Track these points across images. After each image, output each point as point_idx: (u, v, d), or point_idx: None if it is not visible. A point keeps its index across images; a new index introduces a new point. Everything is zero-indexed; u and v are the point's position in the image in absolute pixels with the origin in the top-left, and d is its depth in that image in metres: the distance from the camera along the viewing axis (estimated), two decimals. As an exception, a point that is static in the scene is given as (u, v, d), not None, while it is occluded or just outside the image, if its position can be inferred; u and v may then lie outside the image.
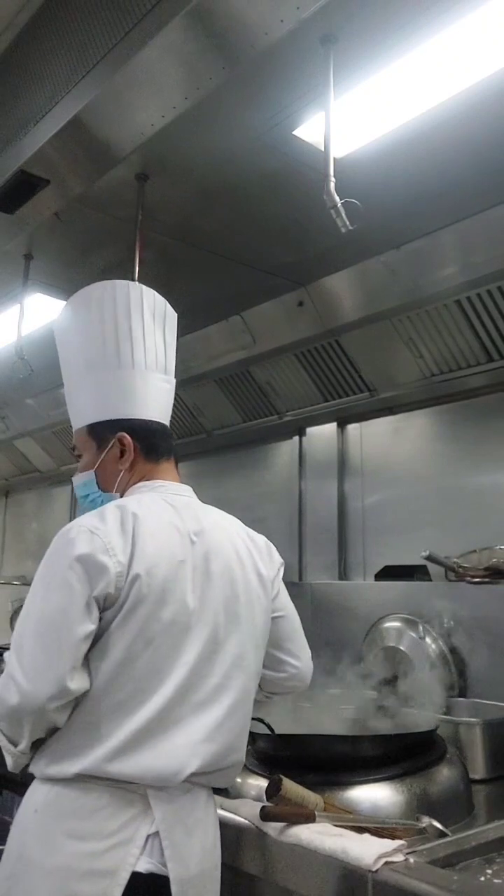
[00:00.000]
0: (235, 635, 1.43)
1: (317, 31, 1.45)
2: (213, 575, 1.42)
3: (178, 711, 1.32)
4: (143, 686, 1.29)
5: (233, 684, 1.40)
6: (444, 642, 2.46)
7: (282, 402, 3.13)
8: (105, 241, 2.35)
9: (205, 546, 1.44)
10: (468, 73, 1.56)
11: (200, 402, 3.43)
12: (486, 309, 2.32)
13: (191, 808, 1.33)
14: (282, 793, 1.44)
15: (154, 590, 1.32)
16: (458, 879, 1.23)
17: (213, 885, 1.36)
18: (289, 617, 1.63)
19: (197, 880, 1.30)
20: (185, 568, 1.38)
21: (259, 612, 1.50)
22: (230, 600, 1.44)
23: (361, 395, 2.86)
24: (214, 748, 1.35)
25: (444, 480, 2.75)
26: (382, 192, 1.98)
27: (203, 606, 1.39)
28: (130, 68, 1.59)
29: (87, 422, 1.59)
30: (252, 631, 1.48)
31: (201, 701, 1.35)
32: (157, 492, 1.50)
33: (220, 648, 1.40)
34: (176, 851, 1.27)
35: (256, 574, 1.52)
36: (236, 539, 1.53)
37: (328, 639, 2.79)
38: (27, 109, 1.94)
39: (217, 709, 1.37)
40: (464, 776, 1.73)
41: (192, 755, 1.31)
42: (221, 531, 1.50)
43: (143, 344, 1.60)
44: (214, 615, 1.40)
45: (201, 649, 1.37)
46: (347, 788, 1.57)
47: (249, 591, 1.48)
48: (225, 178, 1.99)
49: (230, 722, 1.39)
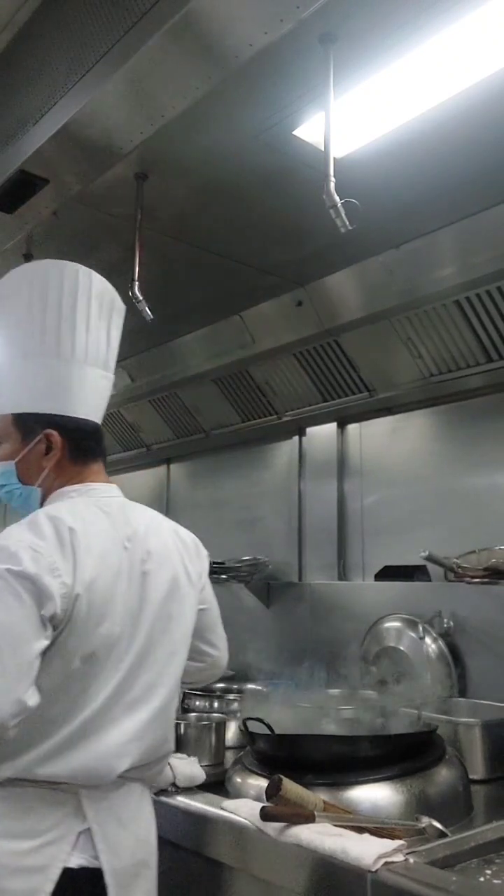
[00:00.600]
0: (168, 634, 1.44)
1: (316, 29, 1.44)
2: (148, 578, 1.42)
3: (112, 713, 1.33)
4: (80, 697, 1.30)
5: (165, 681, 1.43)
6: (443, 642, 2.46)
7: (281, 402, 3.13)
8: (104, 241, 2.35)
9: (138, 550, 1.43)
10: (468, 73, 1.56)
11: (199, 402, 3.42)
12: (486, 309, 2.32)
13: (124, 802, 1.35)
14: (281, 793, 1.44)
15: (94, 607, 1.31)
16: (458, 880, 1.23)
17: (149, 873, 1.39)
18: (211, 608, 1.65)
19: (131, 870, 1.32)
20: (121, 578, 1.38)
21: (188, 608, 1.52)
22: (164, 601, 1.44)
23: (360, 396, 2.85)
24: (146, 744, 1.37)
25: (444, 481, 2.75)
26: (382, 192, 1.98)
27: (139, 613, 1.39)
28: (130, 68, 1.59)
29: (14, 410, 1.49)
30: (183, 628, 1.49)
31: (134, 700, 1.36)
32: (88, 497, 1.45)
33: (154, 649, 1.41)
34: (109, 845, 1.29)
35: (185, 572, 1.52)
36: (167, 539, 1.52)
37: (328, 639, 2.79)
38: (26, 109, 1.94)
39: (149, 706, 1.38)
40: (463, 776, 1.72)
41: (125, 754, 1.33)
42: (153, 532, 1.49)
43: (85, 335, 1.51)
44: (149, 618, 1.41)
45: (137, 653, 1.37)
46: (347, 788, 1.57)
47: (180, 590, 1.49)
48: (224, 177, 1.98)
49: (162, 717, 1.41)
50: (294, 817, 1.42)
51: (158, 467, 4.10)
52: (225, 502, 3.63)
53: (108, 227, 2.25)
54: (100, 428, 1.55)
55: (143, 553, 1.44)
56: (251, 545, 3.32)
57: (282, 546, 3.27)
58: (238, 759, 1.84)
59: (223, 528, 3.58)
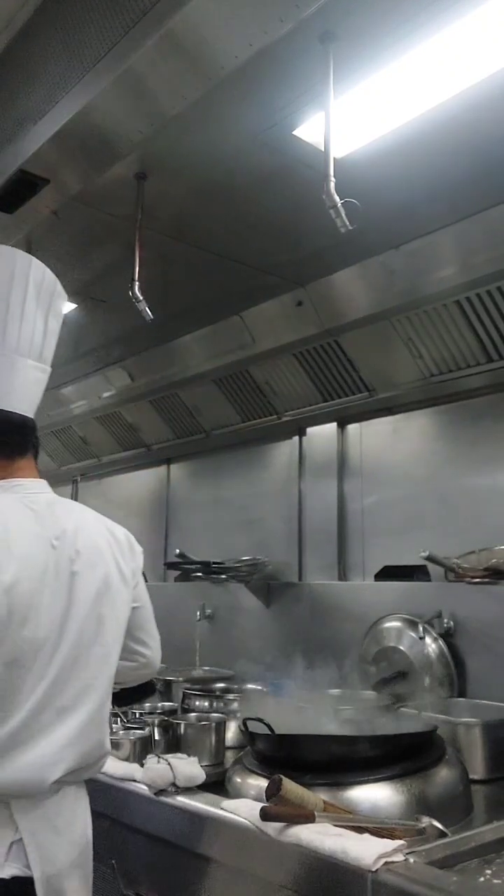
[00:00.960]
0: (100, 636, 1.41)
1: (316, 29, 1.44)
2: (77, 578, 1.39)
3: (42, 720, 1.29)
4: (5, 705, 1.27)
5: (98, 684, 1.39)
6: (443, 642, 2.46)
7: (281, 403, 3.13)
8: (104, 241, 2.35)
9: (67, 549, 1.39)
10: (468, 72, 1.55)
11: (199, 402, 3.43)
12: (486, 309, 2.32)
13: (58, 808, 1.33)
14: (281, 793, 1.43)
15: (17, 609, 1.28)
16: (457, 880, 1.23)
17: (82, 872, 1.37)
18: (144, 606, 1.60)
19: (65, 871, 1.30)
20: (47, 578, 1.34)
21: (121, 607, 1.48)
22: (94, 602, 1.41)
23: (361, 396, 2.85)
24: (80, 749, 1.34)
25: (444, 481, 2.75)
26: (382, 192, 1.98)
27: (67, 615, 1.36)
28: (129, 68, 1.59)
29: None
30: (116, 627, 1.46)
31: (66, 706, 1.33)
32: (13, 493, 1.41)
33: (85, 652, 1.37)
34: (42, 853, 1.27)
35: (118, 570, 1.49)
36: (97, 537, 1.48)
37: (327, 639, 2.79)
38: (26, 109, 1.94)
39: (82, 711, 1.35)
40: (463, 777, 1.72)
41: (59, 761, 1.30)
42: (83, 530, 1.45)
43: (19, 324, 1.45)
44: (78, 621, 1.37)
45: (66, 656, 1.34)
46: (347, 788, 1.56)
47: (112, 588, 1.45)
48: (224, 177, 1.98)
49: (97, 719, 1.37)
50: (294, 817, 1.42)
51: (158, 467, 4.11)
52: (225, 502, 3.63)
53: (108, 227, 2.25)
54: (30, 422, 1.48)
55: (71, 552, 1.39)
56: (251, 545, 3.33)
57: (282, 546, 3.27)
58: (238, 759, 1.84)
59: (223, 528, 3.58)
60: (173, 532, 3.94)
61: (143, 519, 4.14)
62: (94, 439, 4.16)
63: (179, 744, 2.01)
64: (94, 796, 1.45)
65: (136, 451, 3.99)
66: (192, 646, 3.32)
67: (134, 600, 1.55)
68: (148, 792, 1.75)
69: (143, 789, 1.77)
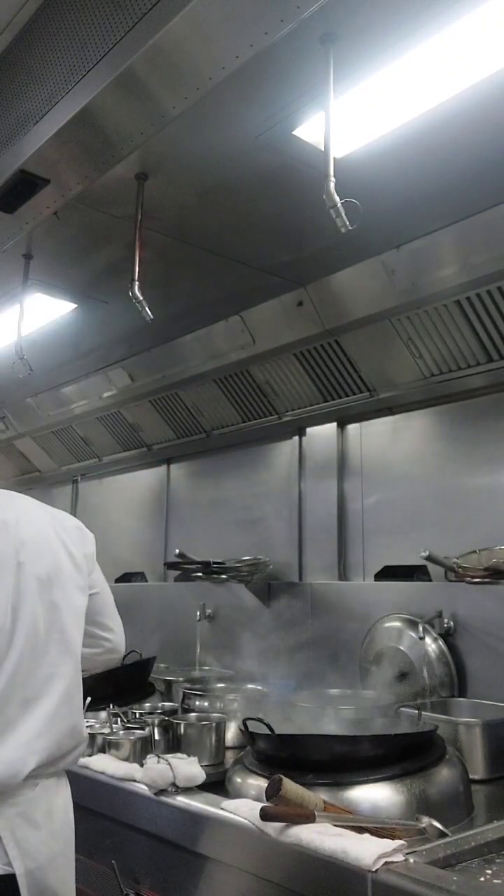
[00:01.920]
0: (57, 623, 1.42)
1: (316, 29, 1.44)
2: (24, 568, 1.40)
3: (7, 714, 1.30)
4: None
5: (63, 671, 1.40)
6: (443, 642, 2.46)
7: (281, 402, 3.13)
8: (104, 241, 2.35)
9: (12, 538, 1.41)
10: (469, 72, 1.56)
11: (200, 402, 3.43)
12: (486, 309, 2.32)
13: (36, 802, 1.33)
14: (282, 793, 1.43)
15: None
16: (458, 880, 1.23)
17: (65, 860, 1.37)
18: (102, 592, 1.63)
19: (47, 864, 1.31)
20: None
21: (75, 592, 1.49)
22: (45, 588, 1.42)
23: (361, 396, 2.85)
24: (53, 738, 1.34)
25: (444, 480, 2.75)
26: (382, 192, 1.98)
27: (18, 605, 1.37)
28: (130, 68, 1.59)
29: None
30: (73, 614, 1.47)
31: (30, 697, 1.34)
32: None
33: (43, 641, 1.38)
34: (22, 849, 1.28)
35: (68, 555, 1.50)
36: (44, 526, 1.50)
37: (328, 639, 2.80)
38: (26, 109, 1.94)
39: (48, 701, 1.36)
40: (463, 776, 1.72)
41: (30, 753, 1.30)
42: (26, 521, 1.47)
43: None
44: (30, 610, 1.38)
45: (23, 648, 1.35)
46: (347, 788, 1.57)
47: (63, 575, 1.47)
48: (224, 177, 1.99)
49: (66, 707, 1.38)
50: (294, 817, 1.42)
51: (159, 467, 4.11)
52: (225, 502, 3.63)
53: (109, 227, 2.25)
54: None
55: (16, 543, 1.41)
56: (251, 545, 3.33)
57: (282, 546, 3.27)
58: (238, 759, 1.84)
59: (223, 528, 3.58)
60: (173, 532, 3.94)
61: (143, 519, 4.14)
62: (95, 439, 4.17)
63: (179, 744, 2.02)
64: (94, 796, 1.45)
65: (137, 451, 4.00)
66: (192, 646, 3.32)
67: (91, 586, 1.57)
68: (148, 792, 1.75)
69: (143, 789, 1.77)
